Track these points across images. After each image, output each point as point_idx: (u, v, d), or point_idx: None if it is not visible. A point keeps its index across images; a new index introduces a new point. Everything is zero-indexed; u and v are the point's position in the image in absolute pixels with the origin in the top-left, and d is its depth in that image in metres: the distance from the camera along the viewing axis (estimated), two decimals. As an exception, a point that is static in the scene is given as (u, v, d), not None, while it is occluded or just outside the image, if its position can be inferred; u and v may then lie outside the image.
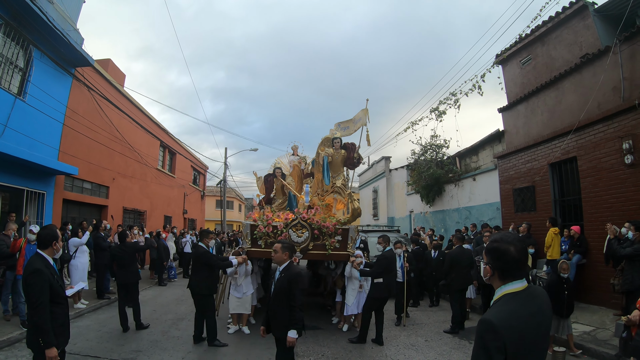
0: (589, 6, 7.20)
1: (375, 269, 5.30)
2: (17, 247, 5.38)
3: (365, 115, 6.38)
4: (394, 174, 18.19)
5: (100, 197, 11.09)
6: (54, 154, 8.41)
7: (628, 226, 5.21)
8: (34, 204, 7.96)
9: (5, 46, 6.91)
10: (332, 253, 5.47)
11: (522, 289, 1.43)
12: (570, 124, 7.11)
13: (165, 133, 15.68)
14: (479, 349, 1.35)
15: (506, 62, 9.55)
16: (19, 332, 4.99)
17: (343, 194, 6.09)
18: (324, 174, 5.99)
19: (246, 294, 5.45)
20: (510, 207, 9.05)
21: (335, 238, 5.49)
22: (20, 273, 5.28)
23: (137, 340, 5.18)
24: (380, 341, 5.19)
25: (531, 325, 1.36)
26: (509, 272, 1.45)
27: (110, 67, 11.97)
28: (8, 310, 5.54)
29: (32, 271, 2.61)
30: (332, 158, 6.26)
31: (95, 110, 10.05)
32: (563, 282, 4.80)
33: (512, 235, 1.53)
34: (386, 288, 5.24)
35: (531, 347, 1.35)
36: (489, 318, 1.35)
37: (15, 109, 7.07)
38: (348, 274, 5.59)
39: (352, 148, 6.43)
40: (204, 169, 22.02)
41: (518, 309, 1.37)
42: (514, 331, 1.31)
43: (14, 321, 5.32)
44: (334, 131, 6.86)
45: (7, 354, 4.42)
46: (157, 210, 14.98)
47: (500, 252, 1.45)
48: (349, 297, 5.55)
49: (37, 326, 2.54)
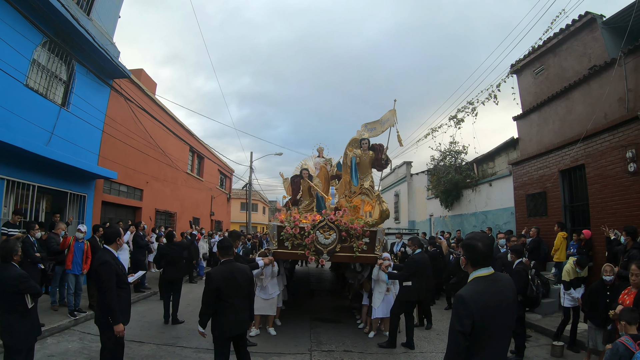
0: (597, 19, 7.41)
1: (404, 271, 5.21)
2: (66, 245, 5.79)
3: (393, 116, 6.31)
4: (415, 179, 18.58)
5: (135, 200, 11.65)
6: (94, 159, 8.95)
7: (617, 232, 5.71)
8: (76, 205, 8.50)
9: (50, 61, 7.47)
10: (360, 255, 5.41)
11: (489, 274, 1.87)
12: (579, 133, 7.44)
13: (194, 138, 16.26)
14: (453, 316, 1.79)
15: (521, 72, 9.85)
16: (68, 320, 5.44)
17: (371, 195, 6.04)
18: (352, 174, 5.95)
19: (272, 295, 5.47)
20: (523, 212, 9.44)
21: (362, 240, 5.43)
22: (69, 268, 5.70)
23: (176, 329, 5.65)
24: (412, 345, 5.09)
25: (493, 300, 1.78)
26: (477, 261, 1.89)
27: (142, 76, 12.59)
28: (56, 302, 5.99)
29: (102, 262, 3.10)
30: (360, 159, 6.23)
31: (131, 118, 10.60)
32: (606, 287, 4.46)
33: (481, 234, 2.01)
34: (415, 291, 5.14)
35: (493, 316, 1.76)
36: (461, 293, 1.80)
37: (60, 119, 7.61)
38: (375, 277, 5.52)
39: (380, 149, 6.36)
40: (230, 173, 22.60)
41: (483, 288, 1.82)
42: (478, 303, 1.75)
43: (61, 311, 5.76)
44: (361, 132, 6.83)
45: (58, 339, 4.90)
46: (186, 212, 15.52)
47: (471, 247, 1.90)
48: (376, 300, 5.47)
49: (107, 307, 3.07)
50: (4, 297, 2.94)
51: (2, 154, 6.12)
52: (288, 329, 5.76)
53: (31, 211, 7.00)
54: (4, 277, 2.93)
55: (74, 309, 5.70)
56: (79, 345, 4.69)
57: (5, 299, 2.94)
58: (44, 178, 7.27)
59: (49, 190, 7.62)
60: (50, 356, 4.21)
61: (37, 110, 6.99)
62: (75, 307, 5.74)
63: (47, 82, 7.45)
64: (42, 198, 7.58)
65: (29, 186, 6.92)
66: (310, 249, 5.34)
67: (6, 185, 6.34)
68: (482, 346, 1.73)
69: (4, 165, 6.22)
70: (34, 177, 6.99)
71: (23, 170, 6.68)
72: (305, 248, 5.35)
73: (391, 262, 5.44)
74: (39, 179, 7.14)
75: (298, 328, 5.86)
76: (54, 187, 7.69)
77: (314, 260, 5.39)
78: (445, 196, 13.53)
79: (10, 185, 6.46)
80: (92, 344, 4.71)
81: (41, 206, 7.56)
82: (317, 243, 5.35)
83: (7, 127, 6.10)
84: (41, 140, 7.05)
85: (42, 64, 7.27)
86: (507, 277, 2.03)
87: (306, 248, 5.34)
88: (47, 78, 7.45)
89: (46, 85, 7.42)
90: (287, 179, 7.14)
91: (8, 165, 6.31)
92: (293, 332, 5.61)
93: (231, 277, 3.26)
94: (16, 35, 6.19)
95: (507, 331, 1.85)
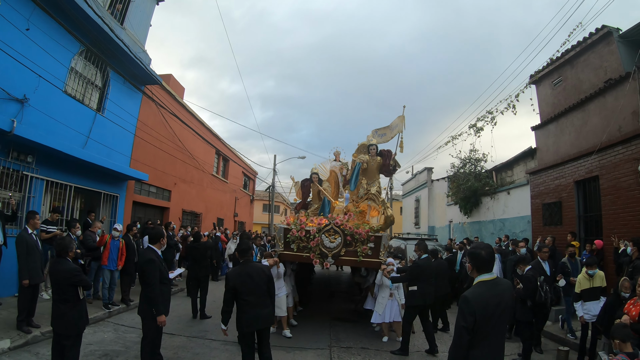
0: (614, 32, 7.47)
1: (405, 275, 5.23)
2: (103, 242, 6.33)
3: (401, 122, 6.35)
4: (435, 185, 18.69)
5: (164, 200, 12.38)
6: (126, 161, 9.64)
7: (627, 242, 5.74)
8: (108, 205, 9.20)
9: (86, 68, 8.14)
10: (364, 260, 5.50)
11: (491, 279, 2.20)
12: (594, 145, 7.53)
13: (220, 141, 16.97)
14: (459, 314, 2.15)
15: (539, 83, 9.91)
16: (102, 312, 5.97)
17: (377, 201, 6.10)
18: (352, 179, 6.08)
19: (279, 296, 5.67)
20: (539, 220, 9.56)
21: (367, 245, 5.51)
22: (105, 264, 6.25)
23: (203, 323, 6.09)
24: (434, 350, 5.03)
25: (492, 301, 2.12)
26: (481, 267, 2.24)
27: (171, 81, 13.34)
28: (90, 295, 6.52)
29: (147, 260, 3.50)
30: (367, 165, 6.32)
31: (161, 122, 11.31)
32: (622, 302, 4.23)
33: (483, 244, 2.36)
34: (421, 296, 5.13)
35: (491, 315, 2.09)
36: (466, 294, 2.16)
37: (96, 123, 8.29)
38: (379, 282, 5.58)
39: (388, 155, 6.43)
40: (253, 175, 23.27)
41: (484, 291, 2.16)
42: (480, 303, 2.09)
43: (96, 304, 6.28)
44: (370, 137, 6.92)
45: (94, 329, 5.33)
46: (211, 213, 16.21)
47: (475, 254, 2.27)
48: (378, 305, 5.53)
49: (151, 299, 3.46)
50: (59, 287, 3.35)
51: (43, 157, 6.77)
52: (309, 327, 6.10)
53: (67, 209, 7.69)
54: (60, 270, 3.33)
55: (108, 302, 6.24)
56: (114, 335, 5.16)
57: (59, 289, 3.34)
58: (80, 179, 7.96)
59: (84, 190, 8.31)
60: (88, 344, 4.56)
61: (75, 116, 7.64)
62: (109, 301, 6.27)
63: (83, 89, 8.11)
64: (77, 197, 8.27)
65: (66, 186, 7.61)
66: (315, 252, 5.51)
67: (45, 185, 7.02)
68: (482, 339, 2.09)
69: (44, 167, 6.88)
70: (70, 178, 7.67)
71: (61, 172, 7.35)
72: (310, 251, 5.52)
73: (395, 267, 5.48)
74: (76, 180, 7.82)
75: (318, 326, 6.22)
76: (89, 187, 8.36)
77: (319, 263, 5.55)
78: (465, 203, 13.66)
79: (49, 185, 7.13)
80: (126, 335, 5.19)
81: (76, 205, 8.27)
82: (323, 246, 5.51)
83: (48, 132, 6.74)
84: (78, 144, 7.72)
85: (79, 72, 7.91)
86: (507, 282, 2.45)
87: (311, 251, 5.51)
88: (83, 85, 8.10)
89: (83, 92, 8.08)
90: (297, 183, 7.36)
91: (48, 167, 6.97)
92: (313, 330, 5.96)
93: (247, 276, 3.50)
94: (55, 45, 6.79)
95: (503, 327, 2.28)
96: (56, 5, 6.51)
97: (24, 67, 6.04)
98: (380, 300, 5.52)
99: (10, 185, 6.16)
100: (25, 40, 6.07)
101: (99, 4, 7.76)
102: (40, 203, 6.80)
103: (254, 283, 3.48)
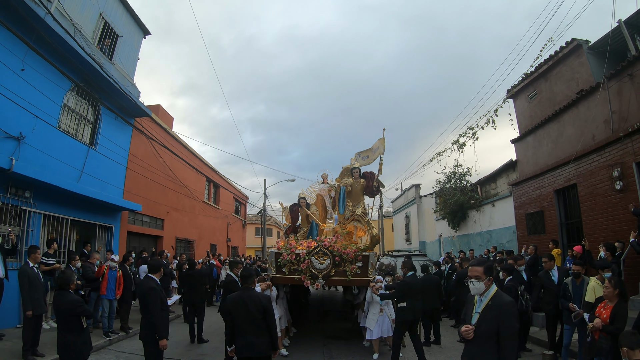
0: (583, 44, 7.92)
1: (394, 292, 5.51)
2: (100, 273, 6.47)
3: (382, 144, 6.80)
4: (424, 201, 19.13)
5: (157, 229, 12.50)
6: (119, 193, 9.87)
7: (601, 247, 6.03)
8: (104, 235, 9.35)
9: (78, 104, 8.43)
10: (353, 279, 5.77)
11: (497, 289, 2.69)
12: (570, 154, 7.83)
13: (210, 169, 17.27)
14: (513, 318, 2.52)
15: (516, 97, 10.38)
16: (103, 340, 6.08)
17: (362, 221, 6.46)
18: (339, 203, 6.45)
19: None
20: (524, 230, 9.88)
21: (356, 264, 5.80)
22: (103, 293, 6.39)
23: (202, 347, 6.27)
24: None
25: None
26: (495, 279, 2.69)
27: (160, 112, 13.57)
28: (90, 324, 6.53)
29: (149, 289, 3.70)
30: (351, 187, 6.71)
31: (152, 153, 11.62)
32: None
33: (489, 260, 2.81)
34: (410, 311, 5.37)
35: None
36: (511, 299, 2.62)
37: (89, 157, 8.56)
38: (369, 299, 5.84)
39: (370, 177, 6.84)
40: (244, 200, 23.46)
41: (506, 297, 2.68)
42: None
43: (96, 332, 6.30)
44: (353, 161, 7.35)
45: (96, 357, 5.42)
46: (204, 240, 16.27)
47: (493, 267, 2.74)
48: (370, 321, 5.77)
49: (153, 325, 3.64)
50: (63, 319, 3.58)
51: (40, 192, 7.00)
52: (303, 344, 6.31)
53: (64, 241, 7.83)
54: (64, 302, 3.57)
55: (108, 330, 6.36)
56: (116, 362, 5.26)
57: (64, 320, 3.58)
58: (76, 211, 8.16)
59: (80, 222, 8.49)
60: (91, 373, 4.68)
61: (69, 151, 7.91)
62: (109, 329, 6.39)
63: (76, 124, 8.38)
64: (74, 229, 8.43)
65: (63, 219, 7.79)
66: (306, 274, 5.76)
67: (43, 219, 7.21)
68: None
69: (41, 201, 7.10)
70: (67, 211, 7.87)
71: (57, 205, 7.56)
72: (301, 273, 5.78)
73: (383, 284, 5.77)
74: (71, 213, 8.02)
75: (312, 343, 6.45)
76: (84, 220, 8.56)
77: (310, 284, 5.80)
78: (452, 217, 14.03)
79: (46, 219, 7.33)
80: (127, 361, 5.29)
81: (73, 236, 8.42)
82: (313, 268, 5.78)
83: (44, 167, 6.99)
84: (73, 178, 7.97)
85: (71, 108, 8.18)
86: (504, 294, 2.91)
87: (302, 273, 5.78)
88: (76, 120, 8.38)
89: (75, 127, 8.35)
90: (286, 208, 7.68)
91: (45, 201, 7.19)
92: (308, 347, 6.21)
93: (243, 303, 3.57)
94: (48, 83, 7.04)
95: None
96: (47, 45, 6.78)
97: (19, 107, 6.26)
98: (372, 317, 5.75)
99: (10, 220, 6.36)
100: (19, 80, 6.30)
101: (89, 41, 8.09)
102: (38, 236, 6.99)
103: (247, 312, 3.51)
